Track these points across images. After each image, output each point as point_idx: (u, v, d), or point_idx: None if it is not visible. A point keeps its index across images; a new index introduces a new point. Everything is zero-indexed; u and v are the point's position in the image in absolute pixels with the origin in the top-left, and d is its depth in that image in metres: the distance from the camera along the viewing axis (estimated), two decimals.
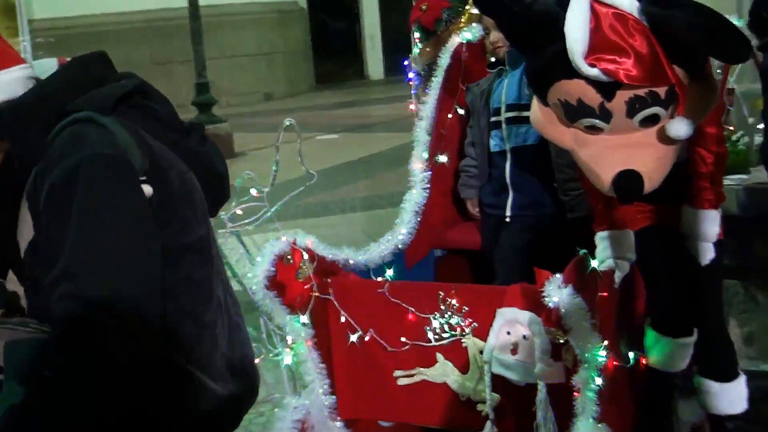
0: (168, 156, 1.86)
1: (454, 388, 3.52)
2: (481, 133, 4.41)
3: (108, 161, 1.71)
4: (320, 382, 3.62)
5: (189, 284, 1.80)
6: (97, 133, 1.74)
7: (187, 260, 1.81)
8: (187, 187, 1.86)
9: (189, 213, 1.84)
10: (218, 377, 1.84)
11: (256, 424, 4.91)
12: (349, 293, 3.64)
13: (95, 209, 1.67)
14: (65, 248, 1.66)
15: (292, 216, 9.00)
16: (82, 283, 1.64)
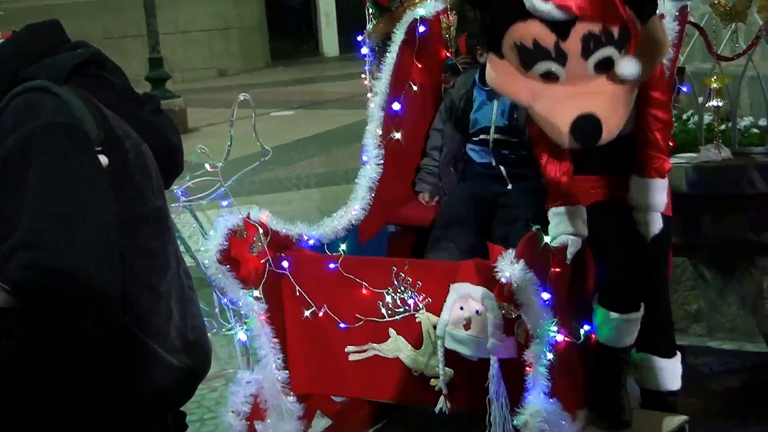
0: (123, 127, 1.85)
1: (407, 364, 3.53)
2: (456, 141, 4.50)
3: (63, 130, 1.69)
4: (273, 356, 3.62)
5: (145, 254, 1.80)
6: (52, 103, 1.72)
7: (143, 230, 1.80)
8: (143, 158, 1.85)
9: (145, 184, 1.83)
10: (172, 349, 1.83)
11: (209, 399, 4.91)
12: (303, 268, 3.64)
13: (51, 179, 1.66)
14: (22, 218, 1.64)
15: (248, 192, 8.97)
16: (40, 252, 1.63)
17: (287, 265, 3.61)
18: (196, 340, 1.93)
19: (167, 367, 1.82)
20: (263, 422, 3.66)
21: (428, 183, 4.58)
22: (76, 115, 1.72)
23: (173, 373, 1.84)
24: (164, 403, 1.86)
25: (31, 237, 1.64)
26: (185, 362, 1.86)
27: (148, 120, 1.97)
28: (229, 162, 3.91)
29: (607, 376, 3.74)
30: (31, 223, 1.64)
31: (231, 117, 3.46)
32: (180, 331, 1.88)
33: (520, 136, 4.26)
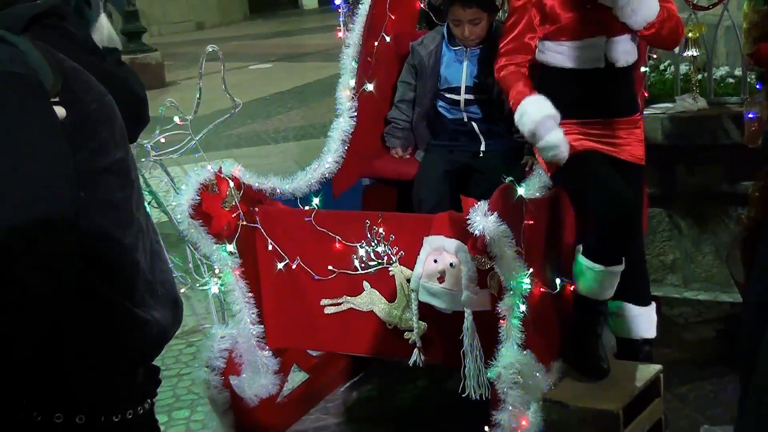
0: (85, 78, 1.81)
1: (381, 317, 3.53)
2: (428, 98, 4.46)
3: (17, 81, 1.65)
4: (248, 311, 3.61)
5: (107, 207, 1.76)
6: (7, 52, 1.68)
7: (105, 183, 1.77)
8: (105, 110, 1.81)
9: (106, 135, 1.79)
10: (140, 304, 1.81)
11: (186, 354, 4.91)
12: (276, 222, 3.62)
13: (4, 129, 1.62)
14: None
15: (225, 146, 8.94)
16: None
17: (260, 219, 3.59)
18: (165, 295, 1.91)
19: (135, 322, 1.80)
20: (238, 377, 3.65)
21: (398, 137, 4.56)
22: (32, 66, 1.68)
23: (141, 327, 1.82)
24: (134, 358, 1.85)
25: None
26: (154, 317, 1.84)
27: (111, 71, 1.94)
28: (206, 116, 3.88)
29: (584, 326, 3.75)
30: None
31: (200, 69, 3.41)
32: (148, 285, 1.85)
33: (490, 93, 4.25)
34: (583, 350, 3.73)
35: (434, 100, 4.43)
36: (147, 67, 12.80)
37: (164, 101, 3.47)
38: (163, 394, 4.51)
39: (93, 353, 1.76)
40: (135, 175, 1.89)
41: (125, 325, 1.78)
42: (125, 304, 1.78)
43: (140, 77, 2.27)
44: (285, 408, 4.05)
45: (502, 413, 3.19)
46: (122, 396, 1.83)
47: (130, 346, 1.82)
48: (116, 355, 1.79)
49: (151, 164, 3.46)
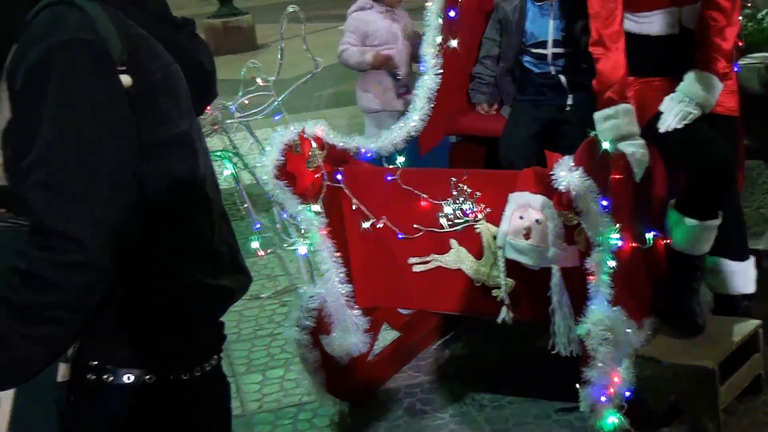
0: (153, 47, 1.80)
1: (469, 274, 3.51)
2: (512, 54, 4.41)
3: (83, 47, 1.65)
4: (336, 271, 3.62)
5: (168, 178, 1.77)
6: (76, 17, 1.69)
7: (166, 154, 1.77)
8: (171, 80, 1.81)
9: (171, 106, 1.79)
10: (203, 270, 1.82)
11: (279, 313, 4.96)
12: (361, 181, 3.62)
13: (68, 96, 1.63)
14: (39, 134, 1.63)
15: (315, 107, 8.96)
16: (53, 171, 1.61)
17: (344, 179, 3.58)
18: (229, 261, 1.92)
19: (198, 289, 1.82)
20: (328, 336, 3.67)
21: (483, 93, 4.52)
22: (100, 32, 1.68)
23: (205, 294, 1.84)
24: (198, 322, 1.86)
25: (45, 155, 1.62)
26: (219, 283, 1.85)
27: (181, 43, 1.92)
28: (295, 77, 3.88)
29: (678, 282, 3.67)
30: (44, 141, 1.63)
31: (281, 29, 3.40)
32: (212, 253, 1.87)
33: (578, 47, 4.16)
34: (678, 306, 3.66)
35: (519, 55, 4.37)
36: (238, 30, 12.89)
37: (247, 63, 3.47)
38: (258, 354, 4.58)
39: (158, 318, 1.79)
40: (200, 146, 1.89)
41: (188, 291, 1.80)
42: (188, 271, 1.79)
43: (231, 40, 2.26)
44: (376, 366, 4.07)
45: (592, 370, 3.15)
46: (189, 354, 1.85)
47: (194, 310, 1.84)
48: (180, 318, 1.81)
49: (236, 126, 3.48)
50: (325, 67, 4.03)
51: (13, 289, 1.61)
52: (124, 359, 1.78)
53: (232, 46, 12.38)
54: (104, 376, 1.77)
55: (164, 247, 1.76)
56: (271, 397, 4.21)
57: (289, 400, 4.16)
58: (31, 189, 1.62)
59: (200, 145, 1.89)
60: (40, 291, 1.60)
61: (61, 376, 1.73)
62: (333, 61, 5.65)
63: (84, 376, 1.77)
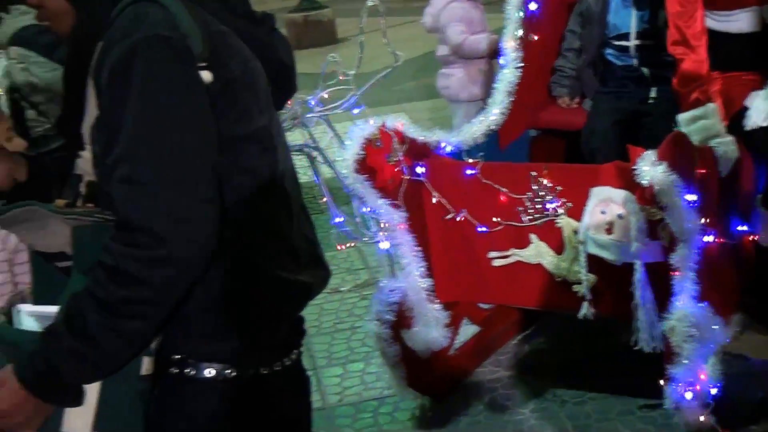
0: (233, 42, 1.82)
1: (550, 269, 3.47)
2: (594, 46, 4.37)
3: (165, 44, 1.67)
4: (416, 265, 3.61)
5: (247, 173, 1.79)
6: (158, 15, 1.71)
7: (246, 149, 1.79)
8: (251, 76, 1.82)
9: (250, 102, 1.80)
10: (282, 266, 1.83)
11: (359, 307, 4.97)
12: (441, 175, 3.61)
13: (150, 93, 1.65)
14: (122, 131, 1.66)
15: (396, 100, 8.96)
16: (136, 167, 1.64)
17: (425, 173, 3.58)
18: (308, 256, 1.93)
19: (277, 284, 1.83)
20: (409, 330, 3.67)
21: (565, 86, 4.48)
22: (181, 29, 1.70)
23: (284, 289, 1.85)
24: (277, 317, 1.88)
25: (128, 152, 1.65)
26: (297, 279, 1.86)
27: (261, 38, 1.94)
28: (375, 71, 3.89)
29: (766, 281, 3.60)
30: (128, 137, 1.65)
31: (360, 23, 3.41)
32: (291, 248, 1.88)
33: (662, 39, 4.10)
34: (765, 305, 3.59)
35: (601, 48, 4.32)
36: (318, 24, 12.94)
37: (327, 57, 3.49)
38: (338, 347, 4.60)
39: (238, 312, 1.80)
40: (280, 141, 1.90)
41: (268, 287, 1.82)
42: (267, 266, 1.81)
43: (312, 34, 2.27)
44: (457, 361, 4.06)
45: (677, 367, 3.10)
46: (269, 349, 1.87)
47: (274, 306, 1.85)
48: (260, 313, 1.83)
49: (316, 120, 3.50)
50: (405, 60, 4.04)
51: (99, 284, 1.65)
52: (206, 353, 1.81)
53: (313, 40, 12.43)
54: (186, 369, 1.80)
55: (244, 242, 1.77)
56: (351, 390, 4.22)
57: (370, 393, 4.17)
58: (116, 185, 1.65)
59: (279, 140, 1.90)
60: (124, 286, 1.63)
61: (144, 369, 1.76)
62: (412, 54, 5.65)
63: (167, 369, 1.80)
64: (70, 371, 1.68)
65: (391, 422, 3.93)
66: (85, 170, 1.88)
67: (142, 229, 1.62)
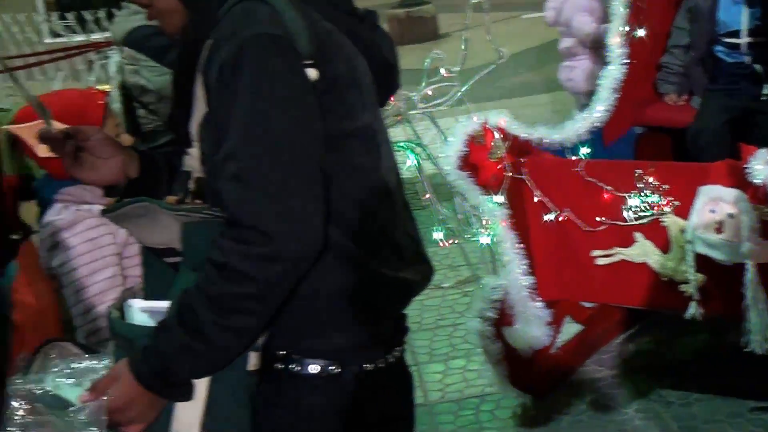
0: (338, 40, 1.83)
1: (655, 269, 3.41)
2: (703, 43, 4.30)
3: (273, 42, 1.69)
4: (518, 262, 3.59)
5: (352, 170, 1.79)
6: (266, 12, 1.72)
7: (351, 146, 1.79)
8: (355, 73, 1.83)
9: (355, 99, 1.81)
10: (386, 263, 1.84)
11: (461, 303, 4.97)
12: (544, 172, 3.57)
13: (258, 91, 1.67)
14: (230, 129, 1.68)
15: (498, 96, 8.91)
16: (244, 165, 1.66)
17: (527, 170, 3.55)
18: (412, 253, 1.93)
19: (381, 281, 1.83)
20: (511, 327, 3.66)
21: (672, 83, 4.41)
22: (288, 27, 1.71)
23: (388, 287, 1.85)
24: (380, 314, 1.88)
25: (236, 149, 1.67)
26: (400, 276, 1.86)
27: (364, 35, 1.94)
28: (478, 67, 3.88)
29: None
30: (235, 135, 1.67)
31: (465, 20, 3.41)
32: (394, 245, 1.88)
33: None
34: None
35: (710, 45, 4.24)
36: (420, 20, 12.96)
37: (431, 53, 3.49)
38: (440, 343, 4.60)
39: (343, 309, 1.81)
40: (383, 138, 1.91)
41: (372, 284, 1.82)
42: (371, 263, 1.81)
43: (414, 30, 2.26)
44: (559, 359, 4.03)
45: None
46: (373, 346, 1.87)
47: (377, 303, 1.85)
48: (364, 310, 1.83)
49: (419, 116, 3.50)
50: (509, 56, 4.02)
51: (209, 281, 1.67)
52: (310, 349, 1.82)
53: (415, 35, 12.46)
54: (291, 365, 1.82)
55: (349, 240, 1.78)
56: (453, 387, 4.22)
57: (472, 390, 4.16)
58: (224, 182, 1.68)
59: (383, 137, 1.90)
60: (233, 282, 1.66)
61: (251, 364, 1.77)
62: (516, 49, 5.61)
63: (272, 365, 1.82)
64: (182, 366, 1.71)
65: (493, 420, 3.92)
66: (193, 167, 1.91)
67: (251, 226, 1.64)
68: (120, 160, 1.98)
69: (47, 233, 2.93)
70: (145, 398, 1.74)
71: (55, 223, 2.91)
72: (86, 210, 2.88)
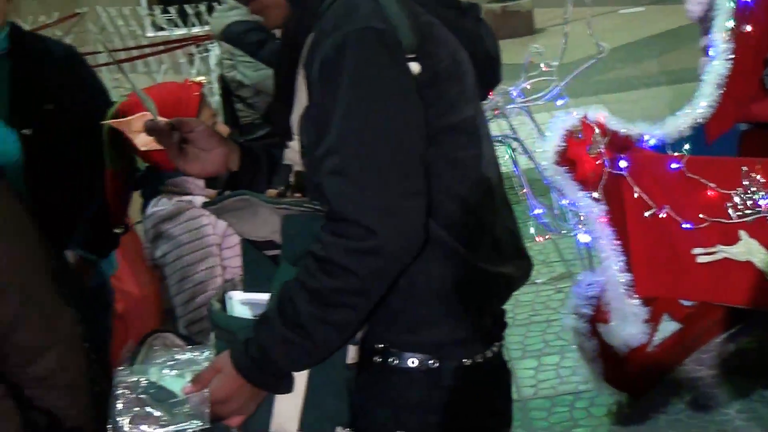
0: (441, 33, 1.82)
1: (760, 267, 3.33)
2: None
3: (376, 36, 1.69)
4: (615, 259, 3.54)
5: (453, 164, 1.78)
6: (368, 6, 1.73)
7: (452, 140, 1.78)
8: (458, 67, 1.82)
9: (457, 92, 1.80)
10: (486, 258, 1.83)
11: (554, 299, 4.94)
12: (644, 169, 3.51)
13: (361, 85, 1.67)
14: (332, 124, 1.69)
15: (594, 92, 8.81)
16: (346, 159, 1.67)
17: (626, 166, 3.50)
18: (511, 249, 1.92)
19: (481, 276, 1.82)
20: (607, 325, 3.61)
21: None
22: (391, 21, 1.71)
23: (487, 282, 1.84)
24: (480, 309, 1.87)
25: (338, 143, 1.68)
26: (500, 272, 1.85)
27: (467, 28, 1.93)
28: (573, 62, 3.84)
29: None
30: (338, 130, 1.68)
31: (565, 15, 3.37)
32: (494, 241, 1.87)
33: None
34: None
35: None
36: (516, 15, 12.89)
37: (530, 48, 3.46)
38: (533, 339, 4.58)
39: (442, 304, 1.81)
40: (485, 133, 1.89)
41: (472, 279, 1.81)
42: (471, 258, 1.80)
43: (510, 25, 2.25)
44: (656, 357, 3.97)
45: None
46: (471, 341, 1.87)
47: (477, 298, 1.84)
48: (464, 305, 1.83)
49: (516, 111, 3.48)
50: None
51: (310, 274, 1.69)
52: (409, 343, 1.82)
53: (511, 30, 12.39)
54: (389, 359, 1.82)
55: (449, 234, 1.78)
56: (546, 383, 4.20)
57: (565, 387, 4.13)
58: (326, 176, 1.69)
59: (485, 131, 1.89)
60: (334, 276, 1.67)
61: (350, 357, 1.79)
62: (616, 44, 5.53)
63: (370, 358, 1.83)
64: (283, 359, 1.73)
65: (587, 417, 3.89)
66: (293, 160, 1.92)
67: (352, 220, 1.65)
68: (222, 152, 2.01)
69: (150, 224, 2.99)
70: (245, 390, 1.76)
71: (158, 214, 2.96)
72: (188, 201, 2.93)
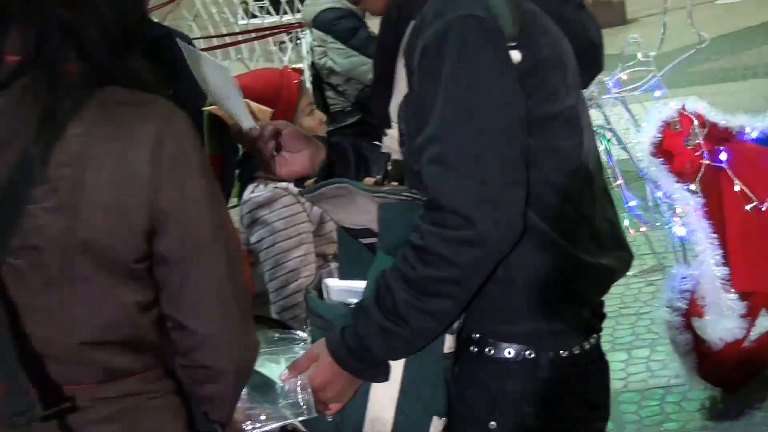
0: (542, 21, 1.80)
1: None
2: None
3: (477, 24, 1.67)
4: (711, 252, 3.49)
5: (554, 154, 1.76)
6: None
7: (553, 129, 1.76)
8: (559, 55, 1.80)
9: (558, 81, 1.78)
10: (585, 249, 1.80)
11: (645, 292, 4.88)
12: (745, 161, 3.45)
13: (461, 74, 1.66)
14: (433, 112, 1.68)
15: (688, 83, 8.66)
16: (446, 147, 1.66)
17: (726, 158, 3.44)
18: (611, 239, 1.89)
19: (580, 267, 1.80)
20: (701, 319, 3.56)
21: None
22: (492, 9, 1.69)
23: (586, 272, 1.82)
24: (579, 300, 1.85)
25: (438, 132, 1.67)
26: (600, 263, 1.83)
27: (569, 16, 1.90)
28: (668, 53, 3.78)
29: None
30: (438, 118, 1.67)
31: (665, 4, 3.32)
32: (594, 232, 1.84)
33: None
34: None
35: None
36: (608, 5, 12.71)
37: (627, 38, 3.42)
38: (622, 332, 4.53)
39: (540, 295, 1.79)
40: (586, 122, 1.87)
41: (570, 270, 1.79)
42: (570, 249, 1.78)
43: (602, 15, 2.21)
44: (753, 353, 3.89)
45: None
46: (569, 332, 1.84)
47: (575, 289, 1.82)
48: (561, 296, 1.81)
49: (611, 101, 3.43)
50: None
51: (408, 263, 1.69)
52: (506, 333, 1.81)
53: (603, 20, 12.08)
54: (486, 349, 1.81)
55: (548, 224, 1.76)
56: (636, 376, 4.15)
57: (656, 381, 4.08)
58: (426, 165, 1.68)
59: (585, 120, 1.87)
60: (432, 266, 1.66)
61: (447, 347, 1.78)
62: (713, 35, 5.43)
63: (467, 348, 1.82)
64: (380, 348, 1.74)
65: (679, 412, 3.83)
66: (392, 148, 1.92)
67: (451, 209, 1.64)
68: (309, 153, 2.01)
69: (246, 210, 3.02)
70: (342, 378, 1.78)
71: (254, 200, 2.99)
72: (284, 188, 2.95)
